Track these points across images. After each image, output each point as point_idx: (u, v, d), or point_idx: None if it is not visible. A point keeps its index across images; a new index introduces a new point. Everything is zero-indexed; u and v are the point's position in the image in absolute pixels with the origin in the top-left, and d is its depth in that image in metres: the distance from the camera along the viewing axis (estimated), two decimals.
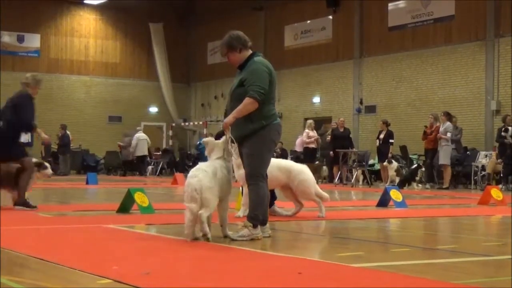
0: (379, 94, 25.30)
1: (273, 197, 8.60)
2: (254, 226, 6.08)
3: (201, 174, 5.87)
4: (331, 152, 20.56)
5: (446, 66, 22.92)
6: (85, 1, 32.79)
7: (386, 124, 20.27)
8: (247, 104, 6.03)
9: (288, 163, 8.87)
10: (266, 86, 6.08)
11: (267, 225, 6.35)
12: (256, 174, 6.13)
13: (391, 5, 24.87)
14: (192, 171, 5.98)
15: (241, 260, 5.01)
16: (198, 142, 28.89)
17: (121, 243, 5.88)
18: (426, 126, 19.79)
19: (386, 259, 5.21)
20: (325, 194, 8.70)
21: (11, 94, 9.53)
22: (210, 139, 6.36)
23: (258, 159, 6.14)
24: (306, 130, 21.62)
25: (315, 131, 21.81)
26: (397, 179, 19.01)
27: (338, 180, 20.40)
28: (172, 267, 4.57)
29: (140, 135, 27.49)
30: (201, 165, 6.08)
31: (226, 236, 6.04)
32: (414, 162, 21.30)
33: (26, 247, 5.32)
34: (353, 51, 26.25)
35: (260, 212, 6.10)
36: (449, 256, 5.49)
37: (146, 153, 27.93)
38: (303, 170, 8.58)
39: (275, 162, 8.23)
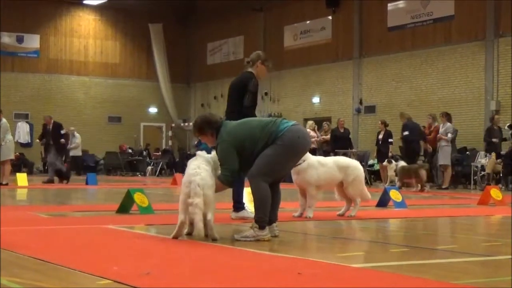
0: (379, 94, 25.30)
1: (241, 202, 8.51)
2: (260, 228, 6.02)
3: (204, 173, 5.88)
4: (331, 153, 20.56)
5: (446, 66, 22.92)
6: (84, 2, 32.79)
7: (385, 124, 20.27)
8: (220, 186, 6.12)
9: (345, 159, 8.89)
10: (234, 164, 6.05)
11: (275, 224, 6.34)
12: (257, 173, 6.03)
13: (390, 5, 24.88)
14: (193, 168, 5.93)
15: (241, 260, 5.01)
16: (197, 142, 28.84)
17: (121, 243, 5.88)
18: (424, 127, 19.79)
19: (386, 259, 5.21)
20: (369, 195, 8.90)
21: (11, 94, 9.37)
22: (202, 153, 6.28)
23: (265, 159, 6.03)
24: (308, 130, 21.62)
25: (316, 132, 21.81)
26: (397, 179, 18.99)
27: None
28: (172, 267, 4.57)
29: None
30: (200, 161, 6.05)
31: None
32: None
33: (26, 247, 5.31)
34: (352, 51, 26.26)
35: (263, 212, 6.04)
36: (449, 256, 5.48)
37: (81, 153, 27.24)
38: (359, 167, 8.72)
39: (333, 160, 8.52)
